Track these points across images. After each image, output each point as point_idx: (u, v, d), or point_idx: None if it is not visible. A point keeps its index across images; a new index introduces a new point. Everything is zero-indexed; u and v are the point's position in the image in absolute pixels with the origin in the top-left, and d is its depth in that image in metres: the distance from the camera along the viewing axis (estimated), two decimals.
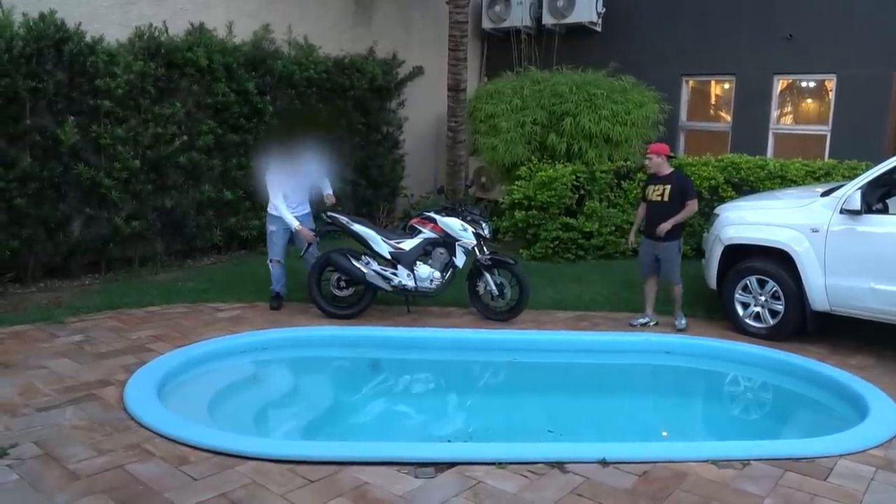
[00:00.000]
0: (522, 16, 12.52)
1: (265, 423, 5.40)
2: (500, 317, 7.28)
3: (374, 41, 11.54)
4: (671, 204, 6.92)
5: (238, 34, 9.64)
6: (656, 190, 7.01)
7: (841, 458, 4.45)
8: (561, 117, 10.27)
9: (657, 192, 7.00)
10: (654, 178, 7.12)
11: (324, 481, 3.97)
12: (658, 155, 7.08)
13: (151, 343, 6.16)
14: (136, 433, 4.49)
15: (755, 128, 11.10)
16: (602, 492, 3.97)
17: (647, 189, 7.14)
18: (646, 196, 7.16)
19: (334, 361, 6.85)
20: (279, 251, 7.38)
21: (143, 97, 8.45)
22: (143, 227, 8.61)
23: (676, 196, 6.92)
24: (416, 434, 5.43)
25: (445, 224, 7.25)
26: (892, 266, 6.08)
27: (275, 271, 7.37)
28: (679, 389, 6.61)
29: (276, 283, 7.38)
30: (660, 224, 6.90)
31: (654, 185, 7.05)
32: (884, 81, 10.06)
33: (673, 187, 6.93)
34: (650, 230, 7.07)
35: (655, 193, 7.01)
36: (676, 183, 6.98)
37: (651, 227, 7.04)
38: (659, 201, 6.99)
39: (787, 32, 10.65)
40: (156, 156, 8.57)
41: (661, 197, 6.97)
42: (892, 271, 6.07)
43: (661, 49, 11.71)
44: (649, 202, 7.10)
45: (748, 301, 7.00)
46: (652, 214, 7.06)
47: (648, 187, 7.13)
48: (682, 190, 6.96)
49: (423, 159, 12.65)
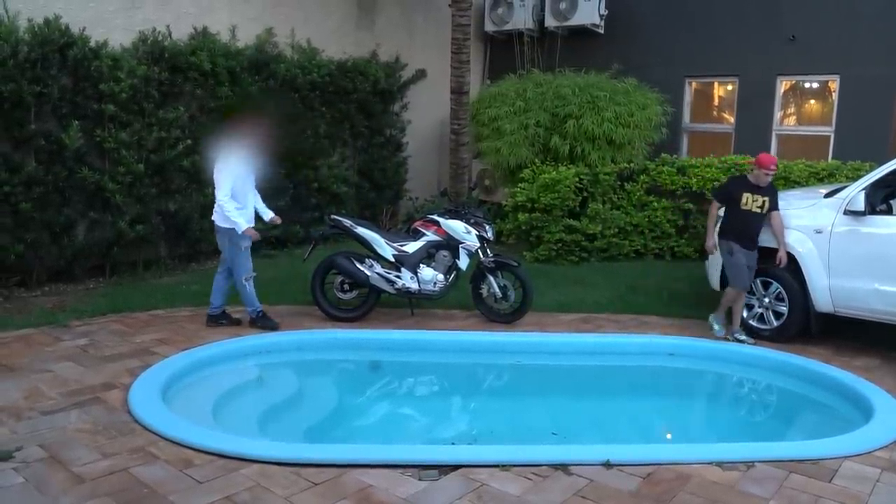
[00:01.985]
0: (525, 18, 12.52)
1: (269, 426, 5.40)
2: (503, 319, 7.28)
3: (376, 44, 11.56)
4: (766, 216, 6.72)
5: (241, 38, 9.67)
6: (756, 201, 6.67)
7: (846, 460, 4.44)
8: (564, 119, 10.28)
9: (758, 204, 6.66)
10: (754, 187, 6.70)
11: (328, 484, 3.98)
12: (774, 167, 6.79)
13: (155, 346, 6.18)
14: (140, 436, 4.50)
15: (758, 129, 11.09)
16: (606, 494, 3.97)
17: (745, 197, 6.69)
18: (741, 203, 6.70)
19: (338, 364, 6.85)
20: (251, 265, 6.81)
21: (147, 101, 8.47)
22: (147, 231, 8.63)
23: (771, 208, 6.72)
24: (420, 436, 5.44)
25: (449, 227, 7.25)
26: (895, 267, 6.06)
27: (252, 289, 6.81)
28: (683, 391, 6.60)
29: (255, 302, 6.87)
30: (758, 236, 6.71)
31: (754, 195, 6.68)
32: (887, 82, 10.03)
33: (771, 200, 6.70)
34: (747, 240, 6.72)
35: (756, 204, 6.67)
36: (773, 196, 6.74)
37: (749, 238, 6.72)
38: (759, 213, 6.68)
39: (791, 33, 10.64)
40: (159, 159, 8.58)
41: (761, 209, 6.67)
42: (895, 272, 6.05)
43: (663, 51, 11.71)
44: (745, 211, 6.69)
45: (752, 302, 6.99)
46: (748, 224, 6.72)
47: (745, 195, 6.69)
48: (776, 202, 6.76)
49: (426, 162, 12.66)
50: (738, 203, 6.71)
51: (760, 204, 6.67)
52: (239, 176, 6.52)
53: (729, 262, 6.78)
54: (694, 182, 9.77)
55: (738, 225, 6.75)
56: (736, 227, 6.76)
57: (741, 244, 6.71)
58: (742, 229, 6.73)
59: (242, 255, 6.70)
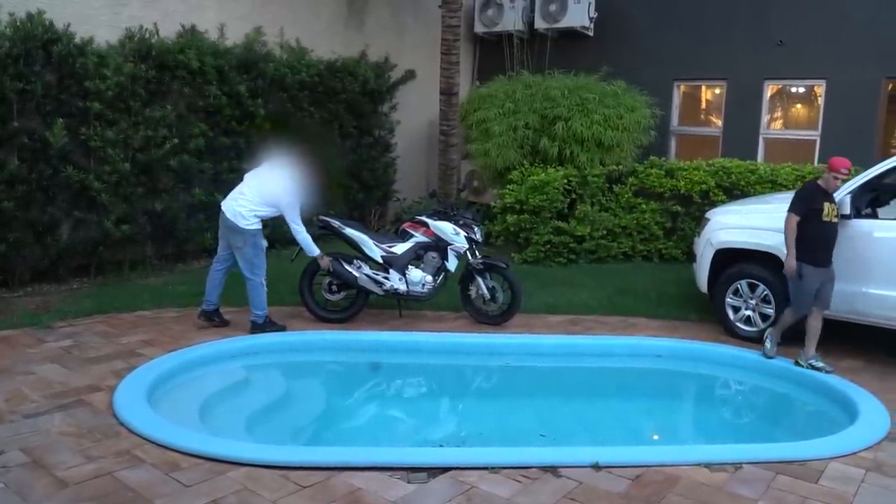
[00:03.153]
0: (514, 20, 12.51)
1: (257, 428, 5.35)
2: (492, 321, 7.26)
3: (366, 44, 11.51)
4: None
5: (230, 37, 9.59)
6: (833, 210, 6.04)
7: (832, 461, 4.48)
8: (553, 121, 10.27)
9: (834, 214, 6.04)
10: (827, 195, 6.08)
11: (316, 487, 3.94)
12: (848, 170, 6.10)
13: (141, 348, 6.10)
14: (125, 439, 4.44)
15: (746, 132, 11.13)
16: (595, 496, 3.96)
17: (826, 207, 5.99)
18: (822, 215, 5.99)
19: (326, 366, 6.81)
20: None
21: (134, 99, 8.38)
22: (134, 231, 8.54)
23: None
24: (408, 438, 5.42)
25: (437, 228, 7.22)
26: (880, 270, 6.13)
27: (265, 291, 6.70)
28: (670, 393, 6.63)
29: (266, 306, 6.71)
30: (833, 248, 6.09)
31: (832, 204, 6.05)
32: (873, 87, 10.12)
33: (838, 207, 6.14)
34: (827, 257, 6.06)
35: (834, 214, 6.03)
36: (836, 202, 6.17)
37: (828, 254, 6.06)
38: (835, 223, 6.07)
39: (779, 38, 10.69)
40: (146, 159, 8.49)
41: (836, 218, 6.07)
42: (881, 275, 6.12)
43: (653, 53, 11.73)
44: (826, 224, 6.01)
45: (739, 305, 7.02)
46: (827, 238, 6.06)
47: (826, 205, 6.00)
48: None
49: (415, 163, 12.62)
50: (820, 214, 5.98)
51: (835, 213, 6.07)
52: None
53: (796, 284, 6.08)
54: (682, 185, 9.79)
55: (818, 239, 6.03)
56: (815, 242, 6.02)
57: (817, 263, 6.00)
58: (821, 244, 6.04)
59: (262, 255, 6.63)
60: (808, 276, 5.98)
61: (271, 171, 6.62)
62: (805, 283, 6.01)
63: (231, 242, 6.63)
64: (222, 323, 6.82)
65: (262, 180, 6.61)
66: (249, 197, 6.52)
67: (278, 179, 6.54)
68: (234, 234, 6.55)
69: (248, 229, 6.48)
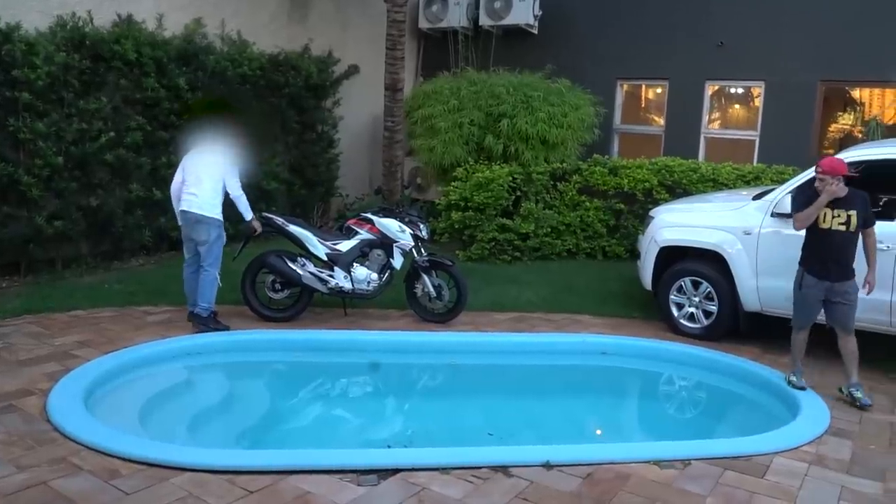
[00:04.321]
0: (459, 16, 12.49)
1: (201, 431, 5.22)
2: (438, 319, 7.23)
3: (309, 39, 11.32)
4: (856, 234, 5.46)
5: (168, 27, 9.32)
6: (838, 217, 5.41)
7: (776, 456, 4.58)
8: (498, 119, 10.28)
9: (840, 220, 5.40)
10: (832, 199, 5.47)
11: (264, 492, 3.85)
12: (833, 175, 5.40)
13: (77, 349, 5.88)
14: (61, 446, 4.27)
15: (687, 131, 11.33)
16: (547, 495, 3.96)
17: (824, 214, 5.46)
18: (819, 221, 5.48)
19: (271, 366, 6.69)
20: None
21: (67, 90, 8.08)
22: (67, 227, 8.21)
23: (861, 224, 5.44)
24: (355, 439, 5.37)
25: (383, 225, 7.16)
26: None
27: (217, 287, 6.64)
28: (617, 390, 6.71)
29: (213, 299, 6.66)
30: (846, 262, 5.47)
31: (836, 210, 5.42)
32: (808, 90, 10.40)
33: (858, 213, 5.40)
34: (827, 269, 5.49)
35: (838, 221, 5.41)
36: (861, 207, 5.43)
37: (830, 266, 5.48)
38: (843, 231, 5.42)
39: (719, 39, 10.91)
40: (81, 152, 8.19)
41: (845, 226, 5.41)
42: None
43: (596, 52, 11.84)
44: (824, 231, 5.47)
45: (683, 302, 7.13)
46: (831, 247, 5.47)
47: (825, 210, 5.46)
48: (867, 216, 5.47)
49: (358, 159, 12.50)
50: (816, 221, 5.52)
51: (845, 220, 5.41)
52: None
53: (796, 295, 5.68)
54: (625, 183, 9.90)
55: (815, 248, 5.57)
56: (812, 250, 5.59)
57: (816, 274, 5.52)
58: (817, 253, 5.55)
59: (216, 248, 6.56)
60: (806, 287, 5.58)
61: (211, 154, 6.57)
62: (801, 295, 5.63)
63: (197, 238, 6.54)
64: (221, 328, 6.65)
65: (207, 165, 6.55)
66: (207, 186, 6.49)
67: (219, 157, 6.57)
68: (202, 227, 6.50)
69: (216, 218, 6.50)
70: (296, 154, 11.12)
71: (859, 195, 5.47)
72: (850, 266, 5.48)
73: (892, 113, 10.39)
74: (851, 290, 5.48)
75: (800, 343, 5.72)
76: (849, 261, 5.47)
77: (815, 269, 5.52)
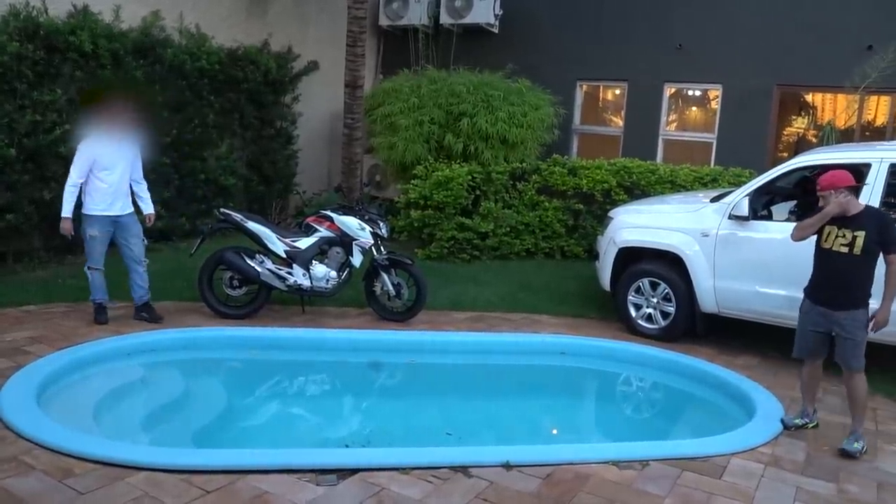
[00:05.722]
0: (420, 14, 12.48)
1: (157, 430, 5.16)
2: (397, 317, 7.25)
3: (268, 34, 11.24)
4: (864, 259, 4.73)
5: (126, 19, 9.16)
6: (842, 237, 4.76)
7: (733, 457, 4.66)
8: (458, 117, 10.32)
9: (844, 241, 4.75)
10: (838, 217, 4.80)
11: (221, 492, 3.83)
12: (835, 189, 4.76)
13: (28, 345, 5.78)
14: (12, 445, 4.20)
15: (646, 133, 11.51)
16: (507, 496, 4.00)
17: (825, 231, 4.87)
18: (821, 239, 4.90)
19: (228, 364, 6.63)
20: (99, 258, 6.53)
21: (20, 81, 7.91)
22: (19, 221, 8.06)
23: (872, 247, 4.71)
24: (312, 438, 5.34)
25: (342, 223, 7.15)
26: (775, 270, 6.35)
27: (95, 279, 6.54)
28: (575, 390, 6.77)
29: (98, 293, 6.56)
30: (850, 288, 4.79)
31: (841, 229, 4.78)
32: (764, 94, 10.63)
33: (868, 234, 4.69)
34: (824, 295, 4.88)
35: (841, 242, 4.76)
36: (873, 227, 4.71)
37: (828, 291, 4.87)
38: (846, 253, 4.75)
39: (678, 42, 11.09)
40: (33, 144, 8.03)
41: (848, 248, 4.74)
42: (775, 275, 6.34)
43: (556, 53, 11.94)
44: (825, 251, 4.87)
45: (641, 303, 7.23)
46: (831, 271, 4.85)
47: (826, 228, 4.86)
48: (885, 240, 4.69)
49: (317, 156, 12.44)
50: (819, 237, 4.95)
51: (849, 241, 4.74)
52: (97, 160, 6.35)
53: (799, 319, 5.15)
54: (584, 183, 10.00)
55: (815, 268, 5.00)
56: (814, 271, 5.01)
57: (815, 300, 4.94)
58: (823, 278, 4.92)
59: (88, 244, 6.52)
60: (802, 311, 5.08)
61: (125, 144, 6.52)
62: (799, 320, 5.12)
63: (127, 238, 6.58)
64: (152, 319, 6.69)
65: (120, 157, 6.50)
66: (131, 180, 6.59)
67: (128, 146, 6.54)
68: (133, 225, 6.58)
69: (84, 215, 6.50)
70: (254, 150, 11.04)
71: (875, 215, 4.84)
72: (853, 294, 4.78)
73: (846, 118, 10.66)
74: (851, 323, 4.77)
75: (804, 378, 5.18)
76: (851, 288, 4.78)
77: (811, 292, 5.00)
